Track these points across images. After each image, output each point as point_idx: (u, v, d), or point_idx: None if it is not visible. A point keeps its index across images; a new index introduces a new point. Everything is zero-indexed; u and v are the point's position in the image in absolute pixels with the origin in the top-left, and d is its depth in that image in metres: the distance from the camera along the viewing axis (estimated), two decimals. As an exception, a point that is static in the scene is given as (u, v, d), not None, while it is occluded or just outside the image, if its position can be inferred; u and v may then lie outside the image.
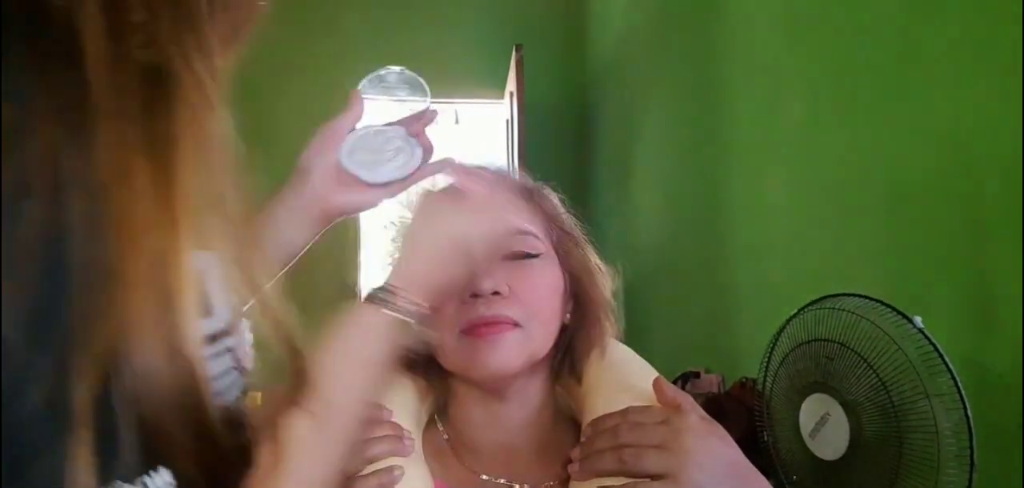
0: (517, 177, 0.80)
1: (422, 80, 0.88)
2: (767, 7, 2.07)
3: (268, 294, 0.41)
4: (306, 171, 0.76)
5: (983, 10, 1.30)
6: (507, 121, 3.63)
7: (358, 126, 0.78)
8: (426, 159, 0.77)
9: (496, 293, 0.67)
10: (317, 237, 0.78)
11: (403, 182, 0.75)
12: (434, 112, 0.80)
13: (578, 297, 0.74)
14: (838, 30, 1.73)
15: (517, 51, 3.33)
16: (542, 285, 0.70)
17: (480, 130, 4.20)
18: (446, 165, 0.76)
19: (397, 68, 0.87)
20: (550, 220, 0.75)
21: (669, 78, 2.83)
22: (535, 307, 0.69)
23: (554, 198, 0.78)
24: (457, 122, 4.46)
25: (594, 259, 0.76)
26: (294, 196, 0.76)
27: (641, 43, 3.17)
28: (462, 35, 3.96)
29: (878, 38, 1.58)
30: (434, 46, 3.88)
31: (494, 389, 0.70)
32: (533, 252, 0.71)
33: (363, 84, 0.83)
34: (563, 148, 3.87)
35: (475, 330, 0.67)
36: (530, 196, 0.76)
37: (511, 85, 3.46)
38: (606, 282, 0.76)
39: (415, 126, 0.79)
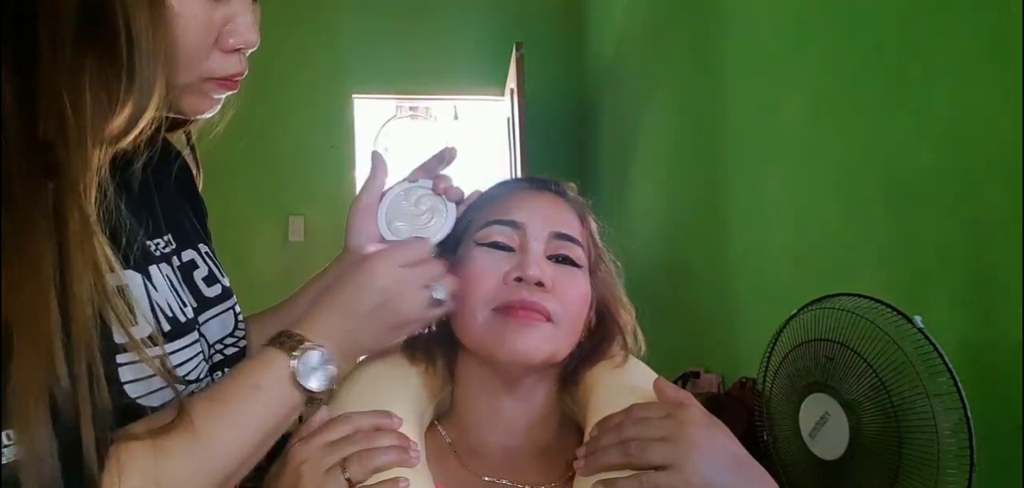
0: (570, 191, 0.81)
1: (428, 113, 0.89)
2: (767, 6, 2.07)
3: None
4: (356, 252, 0.78)
5: (983, 8, 1.30)
6: (508, 118, 3.63)
7: (385, 187, 0.79)
8: (460, 210, 0.78)
9: (540, 284, 0.69)
10: None
11: (445, 240, 0.76)
12: (454, 150, 0.80)
13: (601, 318, 0.77)
14: (838, 29, 1.73)
15: (517, 49, 3.33)
16: (579, 294, 0.73)
17: (480, 127, 4.20)
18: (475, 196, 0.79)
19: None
20: (591, 240, 0.78)
21: (669, 76, 2.83)
22: (570, 310, 0.71)
23: (594, 223, 0.80)
24: (456, 118, 4.47)
25: (621, 290, 0.80)
26: None
27: (641, 41, 3.16)
28: (462, 32, 3.96)
29: (878, 37, 1.58)
30: (435, 43, 3.88)
31: (507, 379, 0.71)
32: (578, 262, 0.74)
33: (378, 138, 0.84)
34: (563, 145, 3.87)
35: (511, 310, 0.68)
36: (582, 213, 0.79)
37: (511, 82, 3.46)
38: (628, 315, 0.79)
39: (438, 174, 0.79)
